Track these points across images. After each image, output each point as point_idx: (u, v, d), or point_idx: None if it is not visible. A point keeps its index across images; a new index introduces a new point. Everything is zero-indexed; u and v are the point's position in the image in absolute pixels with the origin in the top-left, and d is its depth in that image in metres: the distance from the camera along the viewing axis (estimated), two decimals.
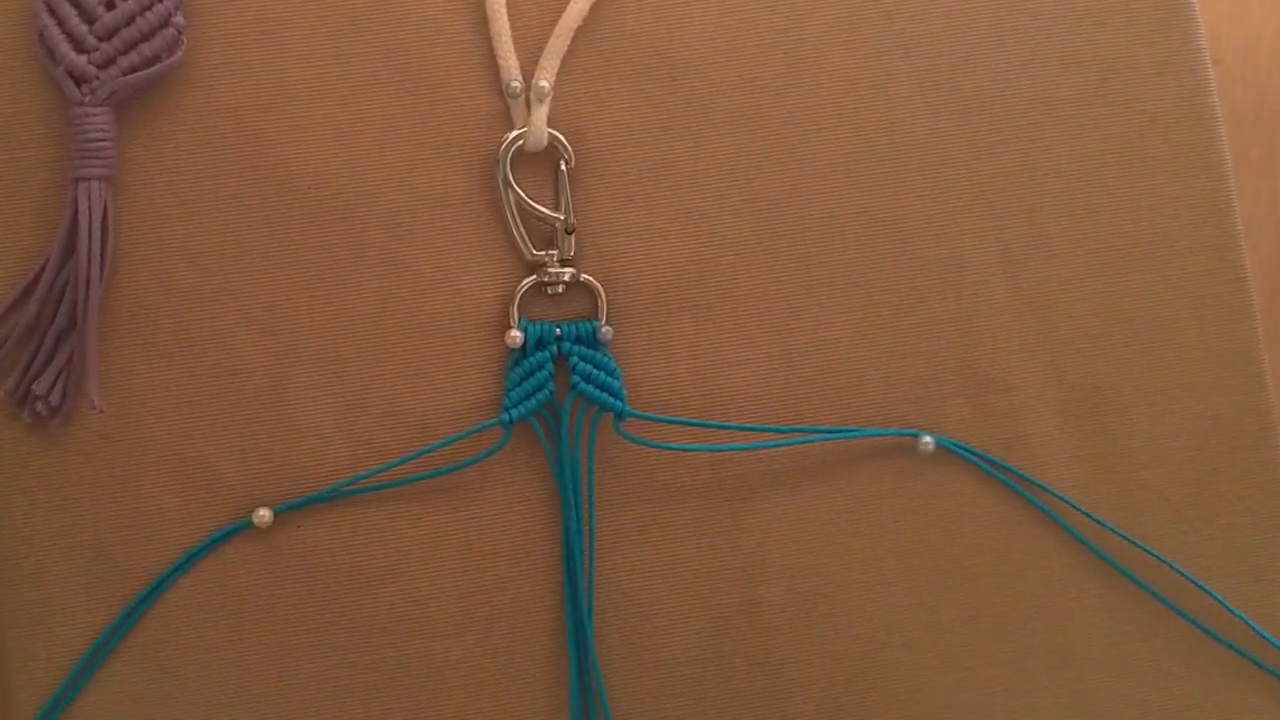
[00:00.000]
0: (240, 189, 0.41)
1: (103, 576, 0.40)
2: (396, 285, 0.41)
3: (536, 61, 0.42)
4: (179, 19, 0.40)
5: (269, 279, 0.41)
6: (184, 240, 0.41)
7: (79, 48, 0.40)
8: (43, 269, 0.40)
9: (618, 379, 0.41)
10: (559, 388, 0.42)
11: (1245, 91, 0.56)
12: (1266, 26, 0.56)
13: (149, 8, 0.40)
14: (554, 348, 0.42)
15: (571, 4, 0.42)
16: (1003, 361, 0.43)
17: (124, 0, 0.40)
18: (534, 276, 0.41)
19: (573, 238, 0.42)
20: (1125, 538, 0.43)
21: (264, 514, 0.41)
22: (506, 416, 0.41)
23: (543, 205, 0.42)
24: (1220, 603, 0.43)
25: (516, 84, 0.41)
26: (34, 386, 0.40)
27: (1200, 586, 0.43)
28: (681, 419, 0.42)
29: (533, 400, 0.41)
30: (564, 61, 0.42)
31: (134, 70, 0.40)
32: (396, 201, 0.41)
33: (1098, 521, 0.43)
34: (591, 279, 0.42)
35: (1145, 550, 0.43)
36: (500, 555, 0.42)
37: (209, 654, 0.41)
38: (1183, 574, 0.43)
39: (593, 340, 0.42)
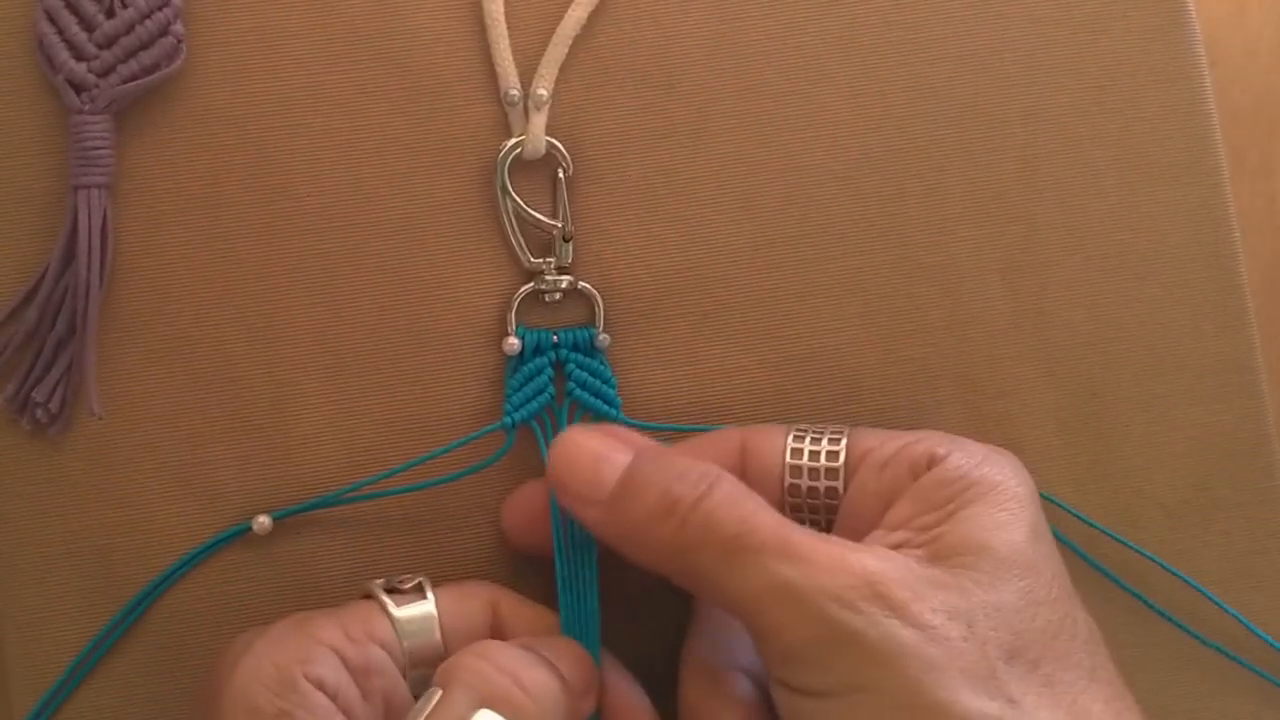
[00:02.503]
0: (239, 197, 0.41)
1: (103, 583, 0.41)
2: (395, 292, 0.41)
3: (535, 69, 0.42)
4: (178, 27, 0.40)
5: (268, 286, 0.41)
6: (183, 248, 0.41)
7: (79, 56, 0.40)
8: (42, 277, 0.40)
9: (613, 387, 0.42)
10: (557, 394, 0.42)
11: (1243, 94, 0.56)
12: (1265, 29, 0.56)
13: (148, 16, 0.40)
14: (552, 354, 0.42)
15: (569, 12, 0.42)
16: (999, 368, 0.43)
17: (123, 8, 0.40)
18: (531, 284, 0.42)
19: (570, 245, 0.42)
20: (1121, 541, 0.43)
21: (263, 520, 0.41)
22: (509, 420, 0.41)
23: (540, 213, 0.42)
24: (1219, 605, 0.43)
25: (515, 92, 0.41)
26: (34, 393, 0.40)
27: (1200, 590, 0.43)
28: (674, 425, 0.42)
29: (534, 404, 0.41)
30: (562, 69, 0.42)
31: (133, 78, 0.40)
32: (395, 209, 0.41)
33: (1094, 526, 0.43)
34: (589, 286, 0.42)
35: (1141, 553, 0.43)
36: (499, 561, 0.42)
37: (208, 659, 0.41)
38: (1180, 576, 0.43)
39: (589, 347, 0.42)
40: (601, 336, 0.42)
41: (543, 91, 0.42)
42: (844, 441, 0.39)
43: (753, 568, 0.33)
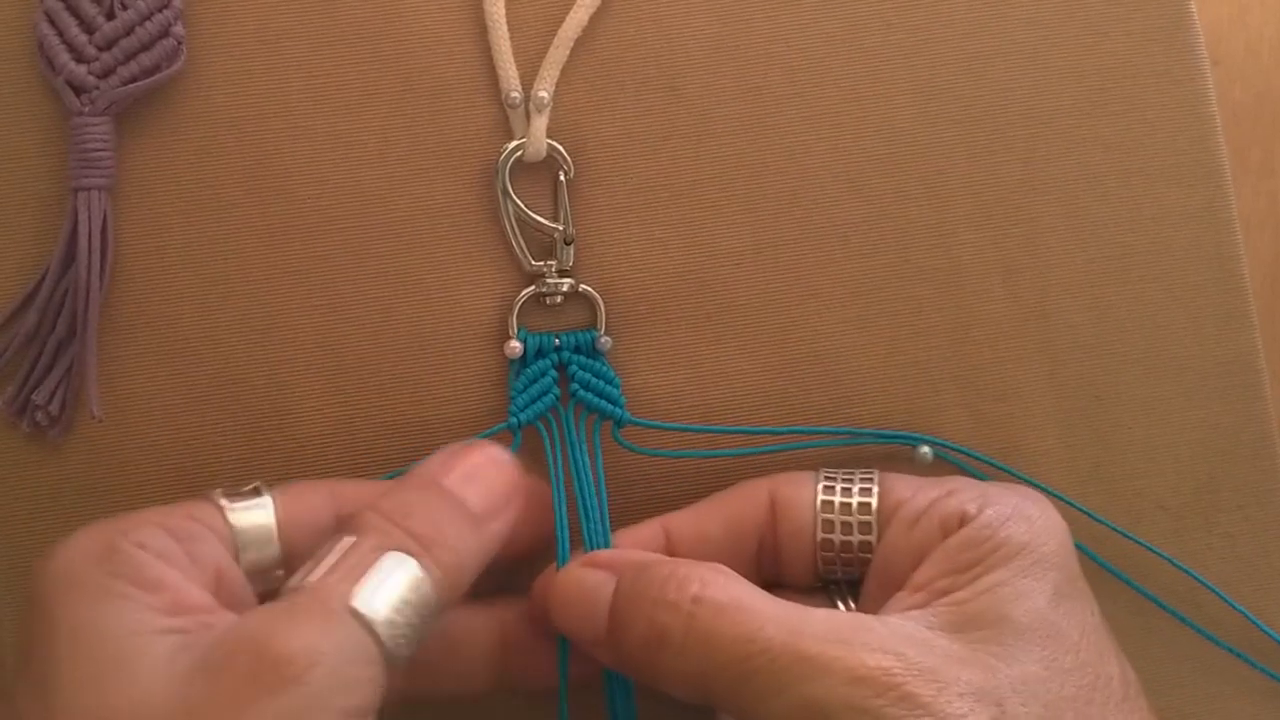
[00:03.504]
0: (240, 198, 0.41)
1: None
2: (395, 295, 0.41)
3: (536, 72, 0.42)
4: (179, 29, 0.40)
5: (269, 288, 0.41)
6: (184, 250, 0.41)
7: (79, 58, 0.40)
8: (43, 279, 0.40)
9: (616, 387, 0.42)
10: (561, 395, 0.42)
11: (1245, 92, 0.56)
12: (1266, 28, 0.56)
13: (148, 18, 0.40)
14: (554, 357, 0.42)
15: (571, 14, 0.42)
16: (1001, 370, 0.43)
17: (124, 10, 0.40)
18: (532, 287, 0.42)
19: (571, 248, 0.42)
20: (1127, 536, 0.43)
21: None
22: (515, 420, 0.41)
23: (541, 216, 0.42)
24: (1226, 602, 0.43)
25: (516, 94, 0.41)
26: (34, 396, 0.40)
27: (1207, 586, 0.43)
28: (681, 425, 0.42)
29: (539, 405, 0.41)
30: (563, 72, 0.42)
31: (134, 80, 0.40)
32: (396, 211, 0.41)
33: (1097, 520, 0.43)
34: (590, 289, 0.42)
35: (1147, 548, 0.43)
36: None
37: None
38: (1187, 571, 0.43)
39: (591, 350, 0.42)
40: (603, 339, 0.42)
41: (544, 94, 0.41)
42: (875, 490, 0.38)
43: (771, 692, 0.31)
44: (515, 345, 0.41)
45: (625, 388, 0.42)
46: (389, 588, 0.32)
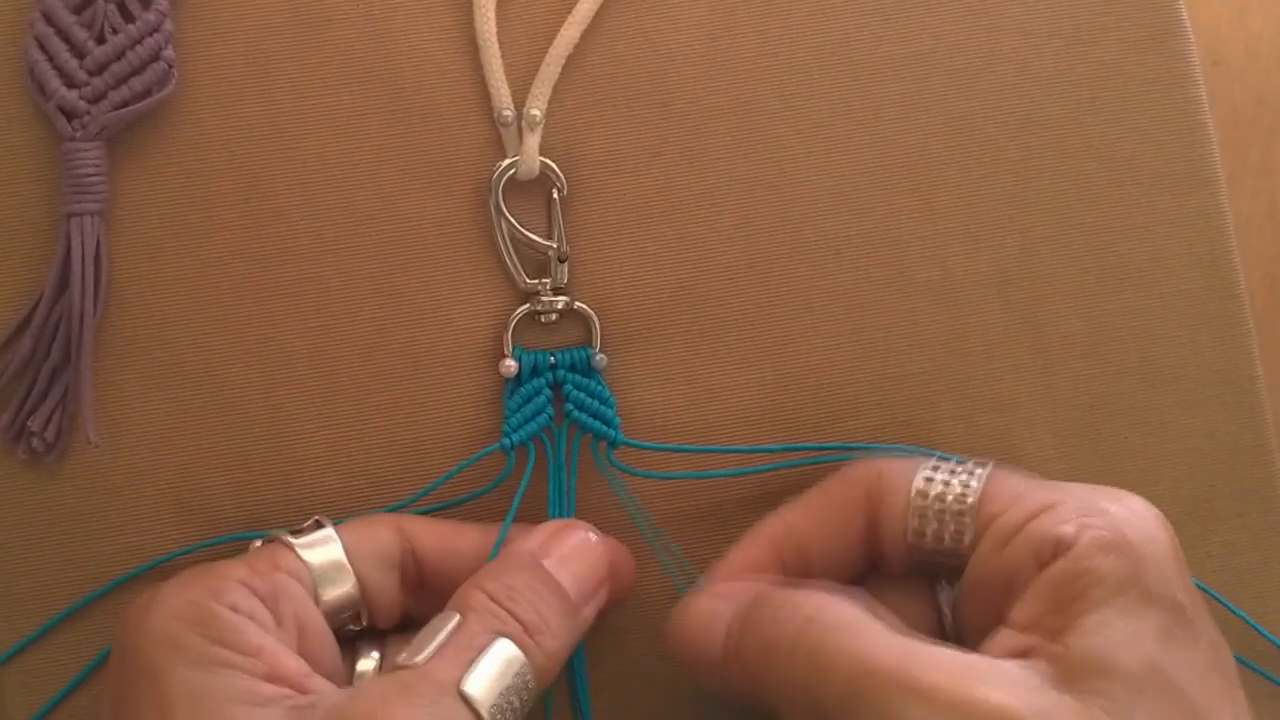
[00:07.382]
0: (232, 221, 0.41)
1: (100, 612, 0.40)
2: (389, 315, 0.41)
3: (528, 90, 0.42)
4: (170, 52, 0.40)
5: (262, 310, 0.41)
6: (177, 273, 0.41)
7: (70, 83, 0.40)
8: (36, 305, 0.40)
9: (611, 407, 0.42)
10: (555, 415, 0.42)
11: (1244, 93, 0.56)
12: (1266, 28, 0.56)
13: (139, 42, 0.40)
14: (549, 375, 0.42)
15: (562, 32, 0.42)
16: (996, 381, 0.43)
17: (114, 35, 0.40)
18: (527, 305, 0.41)
19: (565, 266, 0.42)
20: None
21: (259, 545, 0.40)
22: (507, 441, 0.41)
23: (535, 234, 0.42)
24: (1225, 606, 0.43)
25: (508, 112, 0.41)
26: (29, 422, 0.40)
27: (1204, 590, 0.43)
28: (674, 446, 0.42)
29: (532, 425, 0.41)
30: (555, 89, 0.42)
31: (125, 105, 0.40)
32: (389, 231, 0.41)
33: None
34: (585, 307, 0.42)
35: None
36: None
37: None
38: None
39: (587, 368, 0.42)
40: (599, 356, 0.42)
41: (536, 111, 0.41)
42: (974, 486, 0.37)
43: (880, 714, 0.31)
44: (510, 364, 0.41)
45: (621, 404, 0.42)
46: (496, 673, 0.33)
